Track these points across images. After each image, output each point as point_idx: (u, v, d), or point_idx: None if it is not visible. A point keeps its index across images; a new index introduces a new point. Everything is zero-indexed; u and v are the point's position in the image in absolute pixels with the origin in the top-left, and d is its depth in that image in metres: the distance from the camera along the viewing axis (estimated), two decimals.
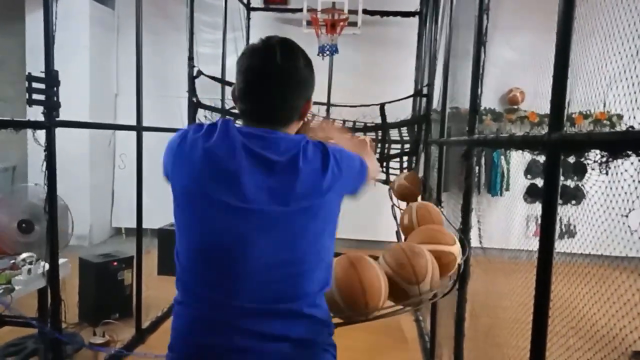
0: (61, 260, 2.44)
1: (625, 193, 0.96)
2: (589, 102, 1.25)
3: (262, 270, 0.99)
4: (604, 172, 0.90)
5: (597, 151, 0.89)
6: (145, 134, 3.32)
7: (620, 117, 5.01)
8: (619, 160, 0.85)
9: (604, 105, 1.13)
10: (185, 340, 1.04)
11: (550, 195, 1.11)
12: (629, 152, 0.77)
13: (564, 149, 1.06)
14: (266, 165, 1.00)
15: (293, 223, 1.01)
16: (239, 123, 1.14)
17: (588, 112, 4.83)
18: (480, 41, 1.99)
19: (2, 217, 2.71)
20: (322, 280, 1.08)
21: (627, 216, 1.00)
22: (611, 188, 1.02)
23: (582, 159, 0.92)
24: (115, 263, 3.59)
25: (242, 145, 1.00)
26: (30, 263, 2.49)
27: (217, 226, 0.99)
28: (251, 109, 1.07)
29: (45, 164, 2.29)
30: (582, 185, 4.96)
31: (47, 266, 2.42)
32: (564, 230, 4.23)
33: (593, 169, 0.88)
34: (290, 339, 1.02)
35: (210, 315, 1.01)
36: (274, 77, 1.03)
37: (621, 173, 0.92)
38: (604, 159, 0.87)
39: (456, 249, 1.69)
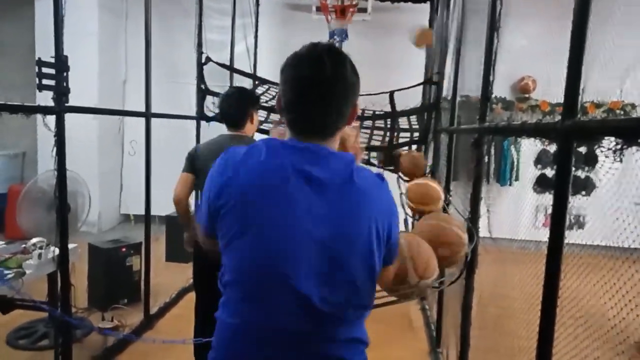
0: (71, 246, 2.47)
1: None
2: (604, 90, 1.23)
3: (316, 292, 0.97)
4: (618, 159, 0.88)
5: (612, 138, 0.87)
6: (154, 120, 3.32)
7: (634, 106, 4.93)
8: (633, 148, 0.83)
9: (621, 92, 1.10)
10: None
11: (561, 184, 1.09)
12: None
13: (577, 137, 1.04)
14: (315, 183, 0.99)
15: (342, 252, 0.98)
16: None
17: (601, 102, 4.75)
18: (493, 27, 1.96)
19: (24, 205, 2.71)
20: (362, 330, 1.08)
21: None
22: (625, 176, 1.00)
23: (595, 148, 0.90)
24: (124, 249, 3.63)
25: (291, 163, 0.99)
26: (41, 248, 2.52)
27: (266, 245, 0.98)
28: (301, 119, 1.05)
29: (55, 149, 2.30)
30: (594, 174, 4.90)
31: (57, 251, 2.44)
32: (573, 221, 4.20)
33: (607, 157, 0.86)
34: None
35: (252, 334, 1.00)
36: (324, 87, 1.01)
37: (636, 160, 0.90)
38: (619, 147, 0.85)
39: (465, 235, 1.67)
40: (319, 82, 1.00)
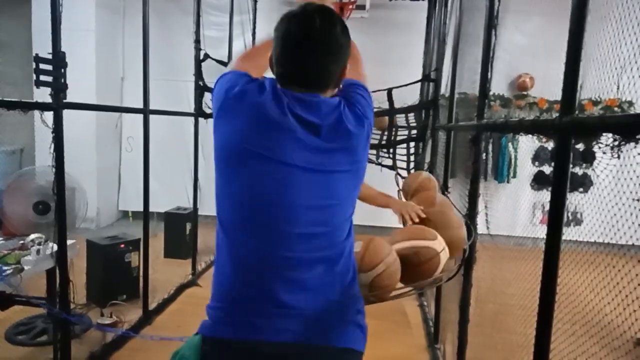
0: (69, 242, 2.47)
1: (638, 177, 0.94)
2: (601, 87, 1.23)
3: (302, 223, 1.04)
4: (616, 156, 0.88)
5: (609, 135, 0.88)
6: (152, 117, 3.32)
7: (631, 103, 4.94)
8: (631, 144, 0.83)
9: (618, 88, 1.11)
10: (230, 292, 1.07)
11: (560, 180, 1.10)
12: None
13: (575, 133, 1.05)
14: (310, 128, 1.04)
15: (335, 182, 1.07)
16: None
17: (598, 99, 4.76)
18: (491, 24, 1.96)
19: (15, 200, 2.72)
20: (350, 227, 1.15)
21: (638, 200, 0.98)
22: (622, 172, 1.01)
23: (592, 145, 0.91)
24: (122, 245, 3.63)
25: (288, 106, 1.04)
26: (39, 244, 2.52)
27: (261, 179, 1.03)
28: (290, 72, 1.08)
29: (53, 146, 2.30)
30: (592, 171, 4.91)
31: (55, 247, 2.44)
32: (570, 217, 4.21)
33: (605, 153, 0.87)
34: (325, 285, 1.07)
35: (256, 267, 1.05)
36: (313, 43, 1.05)
37: (633, 157, 0.90)
38: (616, 143, 0.86)
39: (438, 243, 1.65)
40: (307, 38, 1.05)
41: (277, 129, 1.03)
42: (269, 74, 1.16)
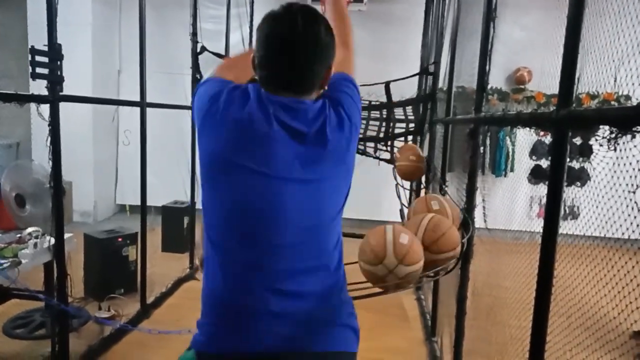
0: (66, 235, 2.46)
1: (634, 169, 0.94)
2: (599, 81, 1.23)
3: (291, 234, 1.03)
4: (612, 148, 0.89)
5: (606, 127, 0.88)
6: (148, 111, 3.30)
7: (628, 97, 4.94)
8: (628, 136, 0.83)
9: (615, 81, 1.11)
10: (221, 306, 1.06)
11: (556, 173, 1.10)
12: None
13: (572, 126, 1.05)
14: (296, 136, 1.02)
15: (322, 190, 1.06)
16: None
17: (595, 93, 4.76)
18: (489, 17, 1.95)
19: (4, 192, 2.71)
20: (338, 233, 1.13)
21: (634, 192, 0.99)
22: (619, 165, 1.01)
23: (589, 139, 0.91)
24: (120, 239, 3.63)
25: (274, 115, 1.02)
26: (36, 237, 2.51)
27: (249, 192, 1.01)
28: (273, 76, 1.05)
29: (49, 139, 2.29)
30: (589, 164, 4.92)
31: (52, 240, 2.44)
32: (567, 211, 4.23)
33: (601, 145, 0.87)
34: (317, 293, 1.06)
35: (247, 279, 1.04)
36: (297, 45, 1.02)
37: (630, 149, 0.91)
38: (613, 135, 0.86)
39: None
40: (291, 40, 1.02)
41: (262, 140, 1.00)
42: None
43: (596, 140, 0.91)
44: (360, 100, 1.19)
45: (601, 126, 0.89)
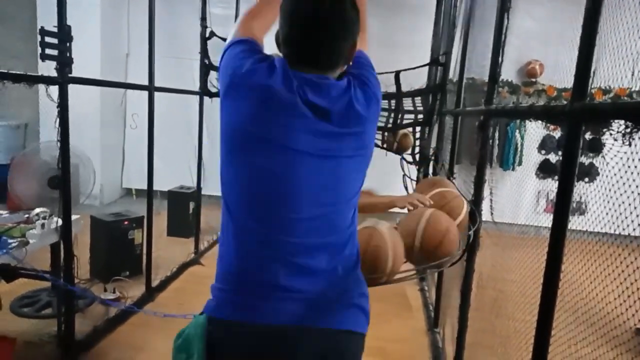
0: (73, 217, 2.48)
1: None
2: (614, 74, 1.21)
3: (307, 209, 1.03)
4: (627, 143, 0.87)
5: (621, 122, 0.86)
6: (156, 95, 3.30)
7: None
8: None
9: (632, 75, 1.09)
10: (233, 275, 1.06)
11: (568, 167, 1.08)
12: None
13: (586, 119, 1.03)
14: (318, 112, 1.02)
15: (342, 167, 1.06)
16: None
17: (608, 88, 4.70)
18: (504, 7, 1.92)
19: (23, 175, 2.72)
20: (354, 213, 1.13)
21: None
22: (633, 159, 1.00)
23: (601, 134, 0.89)
24: (126, 222, 3.65)
25: (298, 90, 1.01)
26: (44, 218, 2.53)
27: (268, 164, 1.02)
28: (299, 53, 1.05)
29: (58, 120, 2.29)
30: (601, 158, 4.88)
31: (60, 222, 2.45)
32: (575, 207, 4.20)
33: (616, 140, 0.86)
34: (328, 271, 1.06)
35: (259, 251, 1.04)
36: (324, 22, 1.01)
37: None
38: (628, 130, 0.85)
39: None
40: (317, 18, 1.01)
41: (286, 113, 1.00)
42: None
43: (610, 134, 0.90)
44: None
45: (616, 120, 0.88)
